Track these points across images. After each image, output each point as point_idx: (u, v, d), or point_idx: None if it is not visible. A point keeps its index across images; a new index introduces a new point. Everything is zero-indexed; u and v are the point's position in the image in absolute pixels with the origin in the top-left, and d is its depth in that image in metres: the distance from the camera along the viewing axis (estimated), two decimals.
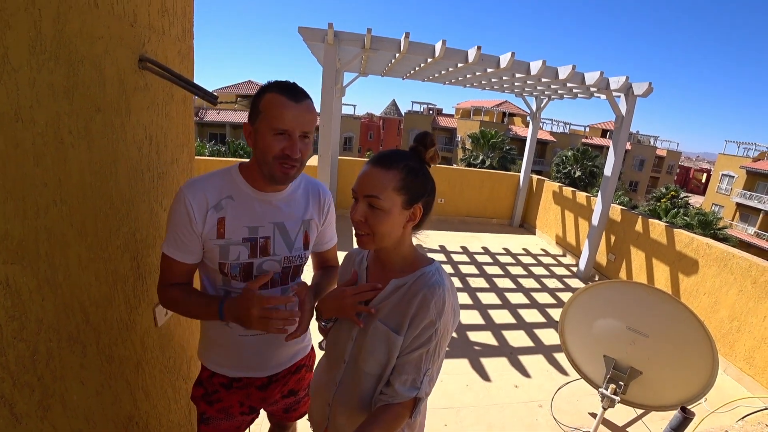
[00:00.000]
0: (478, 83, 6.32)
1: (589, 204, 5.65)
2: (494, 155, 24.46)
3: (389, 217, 0.89)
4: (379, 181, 0.88)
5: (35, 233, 0.80)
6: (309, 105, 1.02)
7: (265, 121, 0.99)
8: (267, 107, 0.98)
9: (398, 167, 0.89)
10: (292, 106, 0.98)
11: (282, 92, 0.99)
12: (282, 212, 1.14)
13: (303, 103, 1.00)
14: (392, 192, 0.88)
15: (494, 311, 4.03)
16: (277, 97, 0.98)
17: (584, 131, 39.99)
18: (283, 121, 0.98)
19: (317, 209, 1.23)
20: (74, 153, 0.89)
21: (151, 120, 1.19)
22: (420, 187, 0.92)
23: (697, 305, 3.76)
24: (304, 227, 1.19)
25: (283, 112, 0.97)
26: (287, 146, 1.00)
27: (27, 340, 0.80)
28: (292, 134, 1.00)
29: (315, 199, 1.23)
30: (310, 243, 1.22)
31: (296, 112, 0.99)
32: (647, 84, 4.39)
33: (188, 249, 1.07)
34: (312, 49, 4.78)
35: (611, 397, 2.20)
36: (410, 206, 0.91)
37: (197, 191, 1.04)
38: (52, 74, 0.79)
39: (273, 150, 0.99)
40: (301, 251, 1.19)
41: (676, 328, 2.15)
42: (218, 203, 1.06)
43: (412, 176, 0.90)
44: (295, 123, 0.99)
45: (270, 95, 0.99)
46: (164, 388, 1.44)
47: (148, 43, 1.12)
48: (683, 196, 22.35)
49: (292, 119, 0.98)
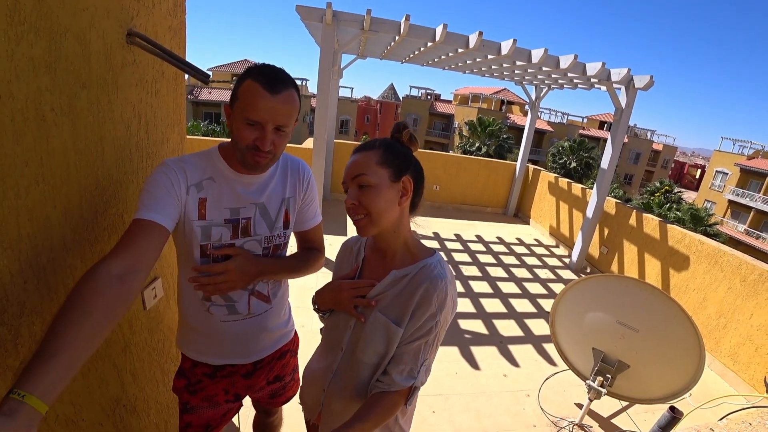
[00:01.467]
0: (478, 70, 6.23)
1: (584, 196, 5.66)
2: (491, 143, 24.35)
3: (380, 191, 0.90)
4: (362, 161, 0.92)
5: (16, 214, 0.77)
6: (287, 97, 0.96)
7: (239, 109, 0.96)
8: (243, 94, 0.95)
9: (377, 145, 0.93)
10: (266, 97, 0.93)
11: (260, 80, 0.93)
12: (262, 192, 1.12)
13: (280, 94, 0.94)
14: (376, 166, 0.90)
15: (486, 300, 4.06)
16: (253, 86, 0.93)
17: (582, 122, 39.88)
18: (255, 111, 0.94)
19: (297, 186, 1.20)
20: (57, 131, 0.85)
21: (140, 98, 1.15)
22: (402, 159, 0.94)
23: (686, 300, 3.81)
24: (284, 206, 1.17)
25: (256, 103, 0.93)
26: (258, 137, 0.97)
27: (8, 324, 0.78)
28: (265, 126, 0.96)
29: (294, 176, 1.20)
30: (290, 221, 1.20)
31: (271, 104, 0.94)
32: (648, 77, 4.34)
33: (162, 209, 0.94)
34: (310, 28, 4.67)
35: (598, 389, 2.24)
36: (398, 179, 0.92)
37: (178, 166, 1.01)
38: (32, 47, 0.75)
39: (245, 139, 0.97)
40: (281, 230, 1.18)
41: (666, 324, 2.17)
42: (199, 182, 1.04)
43: (391, 150, 0.93)
44: (268, 115, 0.95)
45: (248, 82, 0.94)
46: (153, 370, 1.43)
47: (137, 17, 1.06)
48: (677, 191, 22.50)
49: (264, 111, 0.94)
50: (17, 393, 0.57)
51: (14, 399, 0.56)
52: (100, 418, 1.10)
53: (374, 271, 1.01)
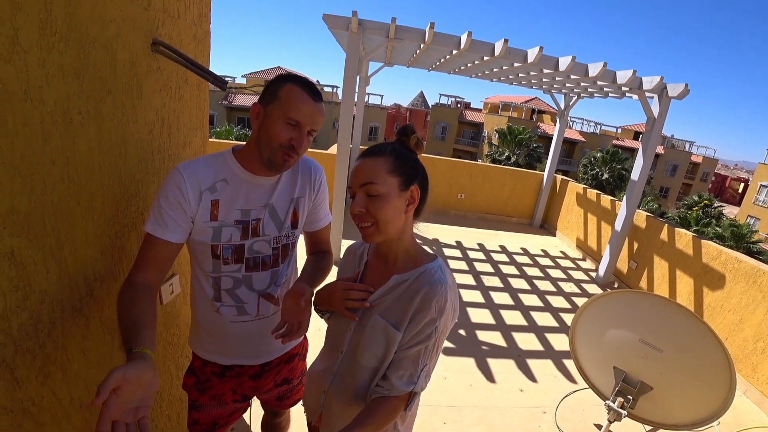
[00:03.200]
0: (505, 78, 6.17)
1: (614, 208, 5.47)
2: (521, 152, 23.95)
3: (389, 201, 0.89)
4: (371, 168, 0.90)
5: (42, 208, 0.83)
6: (322, 107, 1.09)
7: (280, 108, 1.02)
8: (286, 95, 1.02)
9: (386, 152, 0.92)
10: (310, 102, 1.03)
11: (304, 87, 1.04)
12: (272, 193, 1.15)
13: (319, 103, 1.06)
14: (386, 175, 0.90)
15: (506, 312, 3.98)
16: (298, 90, 1.02)
17: (616, 132, 38.59)
18: (299, 112, 1.02)
19: (308, 186, 1.23)
20: (83, 132, 0.91)
21: (163, 103, 1.21)
22: (412, 168, 0.93)
23: (720, 322, 3.60)
24: (293, 205, 1.20)
25: (301, 105, 1.02)
26: (295, 137, 1.04)
27: (30, 309, 0.84)
28: (303, 128, 1.04)
29: (306, 176, 1.23)
30: (299, 221, 1.22)
31: (313, 109, 1.04)
32: (683, 85, 4.17)
33: (174, 227, 1.03)
34: (336, 36, 4.76)
35: (618, 411, 2.14)
36: (407, 188, 0.92)
37: (191, 171, 1.05)
38: (63, 56, 0.81)
39: (280, 138, 1.03)
40: (289, 230, 1.20)
41: (693, 346, 2.06)
42: (213, 185, 1.07)
43: (401, 158, 0.93)
44: (309, 118, 1.04)
45: (292, 85, 1.03)
46: (167, 363, 1.48)
47: (162, 27, 1.13)
48: (717, 205, 21.33)
49: (307, 113, 1.03)
50: (136, 349, 0.80)
51: (137, 352, 0.79)
52: None
53: (376, 275, 1.02)
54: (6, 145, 0.72)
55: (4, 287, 0.76)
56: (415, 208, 0.96)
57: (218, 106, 27.55)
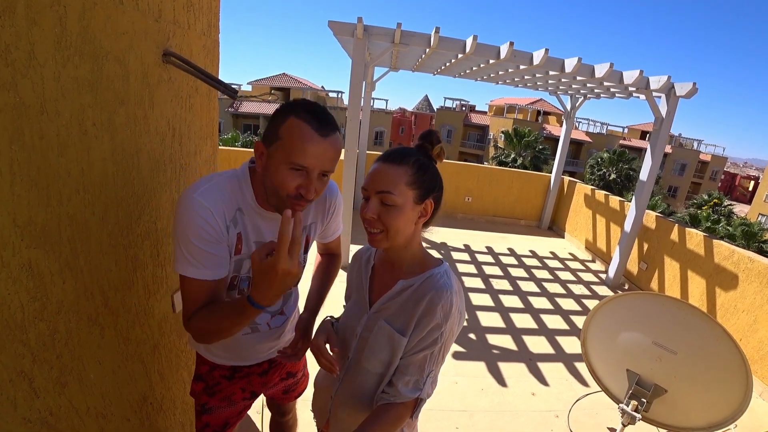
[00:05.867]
0: (511, 80, 6.15)
1: (623, 209, 5.42)
2: (527, 154, 23.85)
3: (402, 212, 0.88)
4: (391, 176, 0.87)
5: (58, 220, 0.84)
6: (335, 139, 0.89)
7: (282, 151, 0.86)
8: (288, 135, 0.85)
9: (409, 162, 0.88)
10: (317, 140, 0.85)
11: (309, 120, 0.85)
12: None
13: (330, 136, 0.88)
14: (405, 187, 0.87)
15: (516, 315, 3.95)
16: (302, 126, 0.85)
17: (622, 132, 38.30)
18: (304, 156, 0.85)
19: (321, 212, 1.20)
20: (97, 144, 0.92)
21: (175, 112, 1.23)
22: (430, 182, 0.91)
23: (734, 323, 3.54)
24: (305, 232, 1.18)
25: (306, 147, 0.85)
26: (303, 185, 0.89)
27: (47, 320, 0.85)
28: (311, 172, 0.88)
29: (320, 203, 1.18)
30: (310, 245, 1.22)
31: (321, 148, 0.86)
32: (691, 84, 4.13)
33: (219, 262, 0.94)
34: (342, 43, 4.79)
35: (632, 414, 2.11)
36: (422, 201, 0.91)
37: (214, 202, 0.92)
38: (77, 69, 0.83)
39: (286, 186, 0.88)
40: (301, 255, 1.18)
41: (707, 347, 2.03)
42: (234, 218, 0.98)
43: (422, 171, 0.89)
44: (318, 161, 0.87)
45: (294, 120, 0.85)
46: (180, 371, 1.49)
47: (172, 38, 1.15)
48: (727, 204, 21.03)
49: (314, 156, 0.86)
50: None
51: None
52: (127, 413, 1.16)
53: (383, 280, 1.02)
54: (23, 158, 0.73)
55: (22, 298, 0.77)
56: (426, 220, 0.95)
57: (225, 114, 27.80)
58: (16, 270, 0.75)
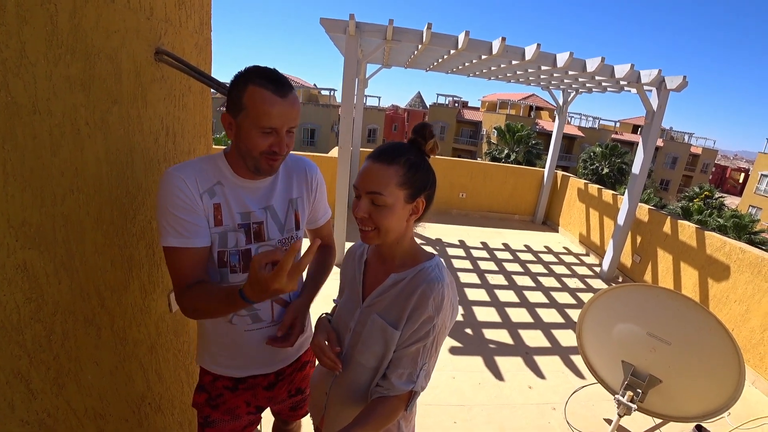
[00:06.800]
0: (503, 75, 6.17)
1: (616, 202, 5.47)
2: (520, 149, 23.91)
3: (393, 212, 0.88)
4: (381, 177, 0.87)
5: (52, 220, 0.84)
6: (294, 97, 0.98)
7: (250, 119, 0.94)
8: (252, 103, 0.93)
9: (400, 162, 0.88)
10: (279, 102, 0.94)
11: (266, 85, 0.93)
12: (269, 195, 1.12)
13: (289, 95, 0.96)
14: (395, 188, 0.87)
15: (511, 309, 3.97)
16: (262, 92, 0.92)
17: (614, 126, 38.57)
18: (270, 119, 0.94)
19: (304, 186, 1.20)
20: (90, 143, 0.92)
21: (168, 111, 1.22)
22: (422, 181, 0.91)
23: (726, 313, 3.59)
24: (293, 207, 1.17)
25: (270, 111, 0.93)
26: (274, 143, 0.98)
27: (43, 321, 0.84)
28: (280, 131, 0.97)
29: (301, 176, 1.19)
30: (301, 222, 1.20)
31: (284, 108, 0.95)
32: (681, 78, 4.17)
33: (196, 230, 1.00)
34: (334, 40, 4.77)
35: (628, 405, 2.14)
36: (413, 200, 0.91)
37: (188, 173, 0.99)
38: (69, 67, 0.82)
39: (259, 147, 0.97)
40: (293, 232, 1.18)
41: (701, 337, 2.06)
42: (211, 188, 1.03)
43: (413, 170, 0.89)
44: (283, 120, 0.96)
45: (254, 88, 0.92)
46: (177, 371, 1.49)
47: (164, 36, 1.14)
48: (718, 196, 21.24)
49: (279, 117, 0.95)
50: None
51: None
52: (125, 414, 1.16)
53: (375, 275, 1.02)
54: (16, 158, 0.72)
55: (18, 300, 0.77)
56: (417, 217, 0.95)
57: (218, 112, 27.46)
58: (11, 271, 0.74)
